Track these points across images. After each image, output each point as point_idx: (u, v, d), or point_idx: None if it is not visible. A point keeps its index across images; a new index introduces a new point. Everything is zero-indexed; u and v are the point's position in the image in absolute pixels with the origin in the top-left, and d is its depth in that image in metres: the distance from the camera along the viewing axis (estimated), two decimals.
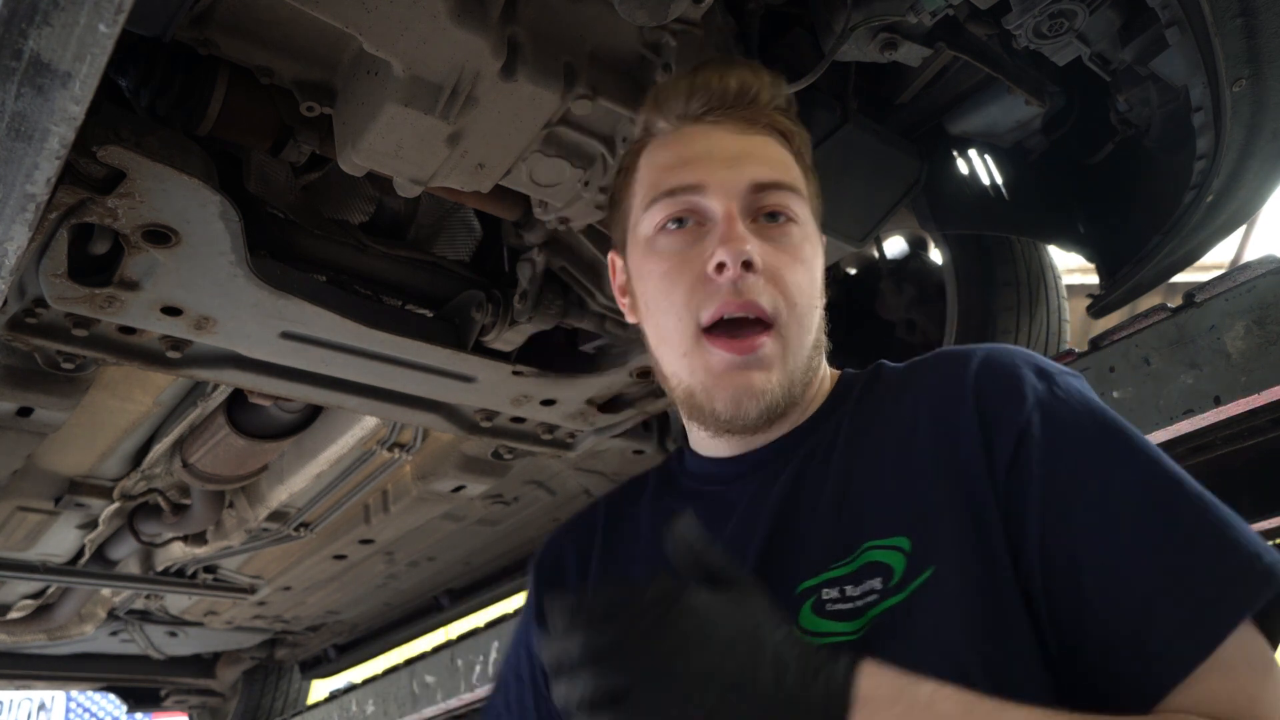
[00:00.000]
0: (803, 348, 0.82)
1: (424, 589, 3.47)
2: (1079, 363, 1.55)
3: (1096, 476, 0.68)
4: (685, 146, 0.85)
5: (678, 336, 0.81)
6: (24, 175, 0.95)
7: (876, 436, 0.79)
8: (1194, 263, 1.70)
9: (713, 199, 0.81)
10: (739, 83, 0.85)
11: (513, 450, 2.21)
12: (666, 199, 0.83)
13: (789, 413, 0.84)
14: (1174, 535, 0.64)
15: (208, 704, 4.58)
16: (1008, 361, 0.77)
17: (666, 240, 0.83)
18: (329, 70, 1.25)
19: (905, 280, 2.24)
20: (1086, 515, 0.67)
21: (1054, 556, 0.67)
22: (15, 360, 1.72)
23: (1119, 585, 0.64)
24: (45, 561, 2.81)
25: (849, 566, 0.72)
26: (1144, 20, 1.27)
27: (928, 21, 1.21)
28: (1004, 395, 0.73)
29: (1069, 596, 0.66)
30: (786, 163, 0.86)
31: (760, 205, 0.82)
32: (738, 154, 0.83)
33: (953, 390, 0.76)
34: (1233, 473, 1.49)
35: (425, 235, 1.80)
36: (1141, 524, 0.65)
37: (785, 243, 0.82)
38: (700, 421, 0.84)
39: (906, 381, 0.83)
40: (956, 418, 0.74)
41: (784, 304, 0.79)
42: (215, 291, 1.44)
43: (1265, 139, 1.32)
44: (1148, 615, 0.63)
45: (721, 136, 0.85)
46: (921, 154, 1.61)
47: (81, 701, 10.64)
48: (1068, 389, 0.74)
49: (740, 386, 0.78)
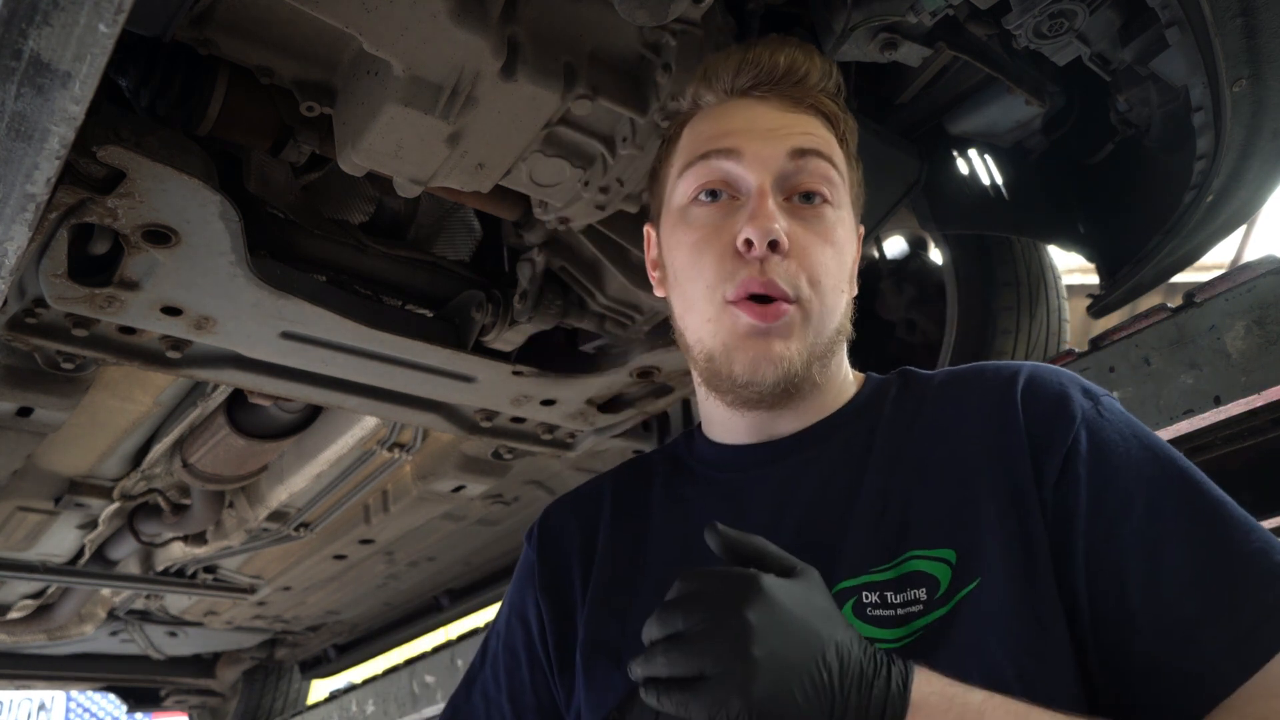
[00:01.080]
0: (825, 328, 0.81)
1: (424, 589, 3.47)
2: (1079, 363, 1.55)
3: (1143, 496, 0.69)
4: (728, 118, 0.85)
5: (704, 303, 0.81)
6: (24, 175, 0.95)
7: (918, 445, 0.79)
8: (1194, 263, 1.70)
9: (748, 169, 0.81)
10: (788, 60, 0.85)
11: (513, 450, 2.21)
12: (701, 163, 0.83)
13: (808, 396, 0.83)
14: (1220, 558, 0.65)
15: (208, 704, 4.58)
16: (1054, 380, 0.77)
17: (699, 211, 0.83)
18: (329, 70, 1.25)
19: (905, 280, 2.24)
20: (1133, 534, 0.68)
21: (1100, 573, 0.68)
22: (15, 360, 1.72)
23: (1165, 605, 0.65)
24: (45, 561, 2.81)
25: (890, 573, 0.72)
26: (1144, 20, 1.27)
27: (928, 21, 1.21)
28: (1052, 414, 0.74)
29: (1114, 613, 0.67)
30: (828, 140, 0.85)
31: (797, 181, 0.81)
32: (779, 126, 0.83)
33: (1000, 406, 0.76)
34: (1233, 473, 1.49)
35: (425, 235, 1.80)
36: (1188, 545, 0.66)
37: (817, 224, 0.81)
38: (717, 388, 0.83)
39: (948, 393, 0.83)
40: (1005, 434, 0.75)
41: (807, 283, 0.79)
42: (215, 291, 1.44)
43: (1265, 139, 1.32)
44: (1192, 635, 0.63)
45: (765, 110, 0.84)
46: (921, 154, 1.61)
47: (81, 701, 10.65)
48: (1112, 410, 0.75)
49: (760, 351, 0.78)
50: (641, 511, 0.91)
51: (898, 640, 0.70)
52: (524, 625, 0.94)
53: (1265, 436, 1.45)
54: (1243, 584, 0.64)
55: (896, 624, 0.70)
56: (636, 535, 0.90)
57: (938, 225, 1.78)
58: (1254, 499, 1.44)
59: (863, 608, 0.72)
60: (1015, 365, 0.81)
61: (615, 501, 0.95)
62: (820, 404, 0.86)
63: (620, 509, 0.93)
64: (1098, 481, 0.70)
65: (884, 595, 0.71)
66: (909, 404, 0.84)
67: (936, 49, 1.32)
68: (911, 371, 0.89)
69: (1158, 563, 0.66)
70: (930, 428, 0.80)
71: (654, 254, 0.94)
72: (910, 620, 0.70)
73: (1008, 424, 0.75)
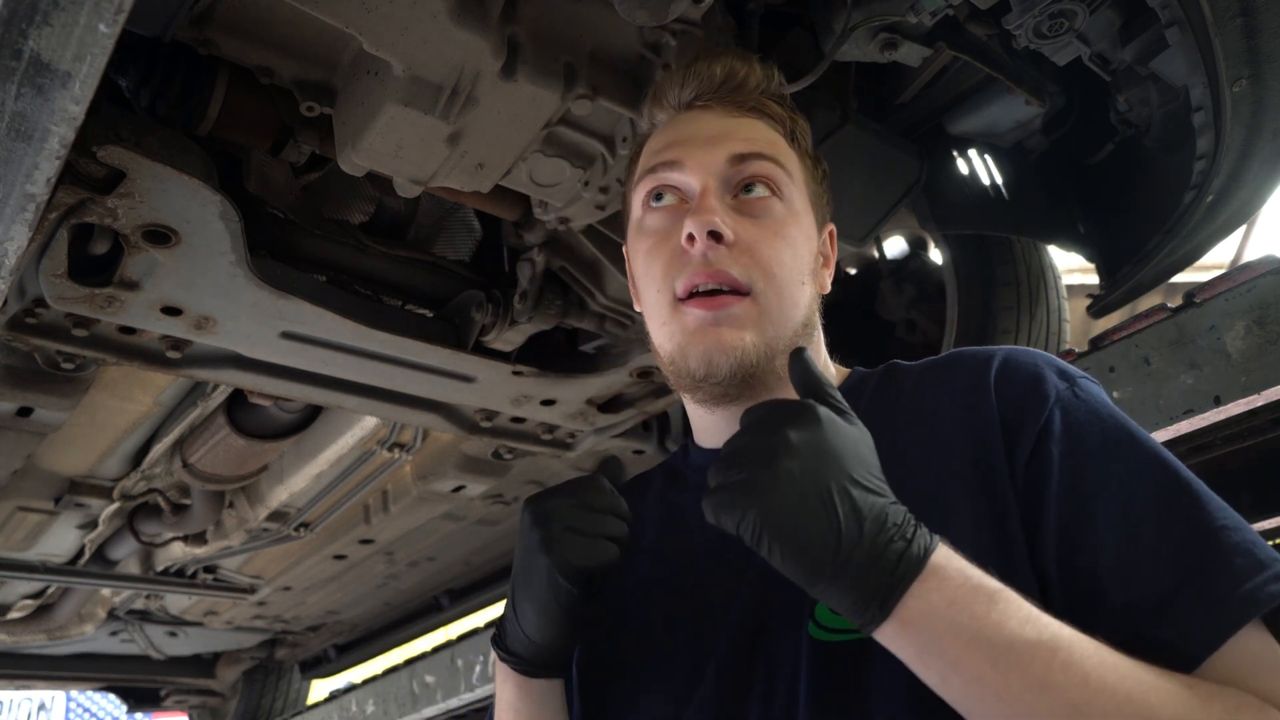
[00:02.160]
0: (785, 320, 0.81)
1: (424, 589, 3.47)
2: (1079, 363, 1.55)
3: (1116, 474, 0.69)
4: (673, 131, 0.88)
5: (658, 308, 0.83)
6: (24, 175, 0.95)
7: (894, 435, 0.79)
8: (1194, 263, 1.70)
9: (690, 175, 0.83)
10: (725, 69, 0.88)
11: (513, 450, 2.21)
12: (649, 177, 0.86)
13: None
14: (1193, 534, 0.66)
15: (208, 704, 4.58)
16: (1029, 362, 0.78)
17: (651, 218, 0.86)
18: (329, 70, 1.25)
19: (905, 280, 2.24)
20: (1107, 511, 0.68)
21: (1072, 549, 0.68)
22: (15, 360, 1.72)
23: (1137, 578, 0.65)
24: (45, 561, 2.81)
25: None
26: (1144, 20, 1.27)
27: (928, 21, 1.21)
28: (1026, 394, 0.75)
29: (1086, 588, 0.67)
30: (771, 140, 0.86)
31: (740, 178, 0.83)
32: (718, 133, 0.85)
33: (974, 390, 0.77)
34: (1233, 473, 1.49)
35: (425, 235, 1.80)
36: (1161, 523, 0.67)
37: (765, 219, 0.82)
38: (683, 388, 0.85)
39: (925, 381, 0.83)
40: (977, 415, 0.75)
41: (759, 275, 0.80)
42: (215, 291, 1.44)
43: (1265, 139, 1.32)
44: (1165, 607, 0.64)
45: (707, 118, 0.87)
46: (921, 154, 1.61)
47: (81, 701, 10.65)
48: (1088, 391, 0.76)
49: (711, 342, 0.79)
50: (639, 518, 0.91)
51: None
52: None
53: (1265, 436, 1.45)
54: (1215, 557, 0.64)
55: None
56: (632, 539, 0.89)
57: (938, 225, 1.78)
58: (1254, 499, 1.45)
59: None
60: (992, 349, 0.81)
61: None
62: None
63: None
64: (1071, 460, 0.70)
65: None
66: (889, 394, 0.85)
67: (936, 49, 1.32)
68: (896, 364, 0.89)
69: (1131, 539, 0.66)
70: (909, 414, 0.81)
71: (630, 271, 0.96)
72: None
73: (981, 406, 0.76)
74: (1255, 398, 1.32)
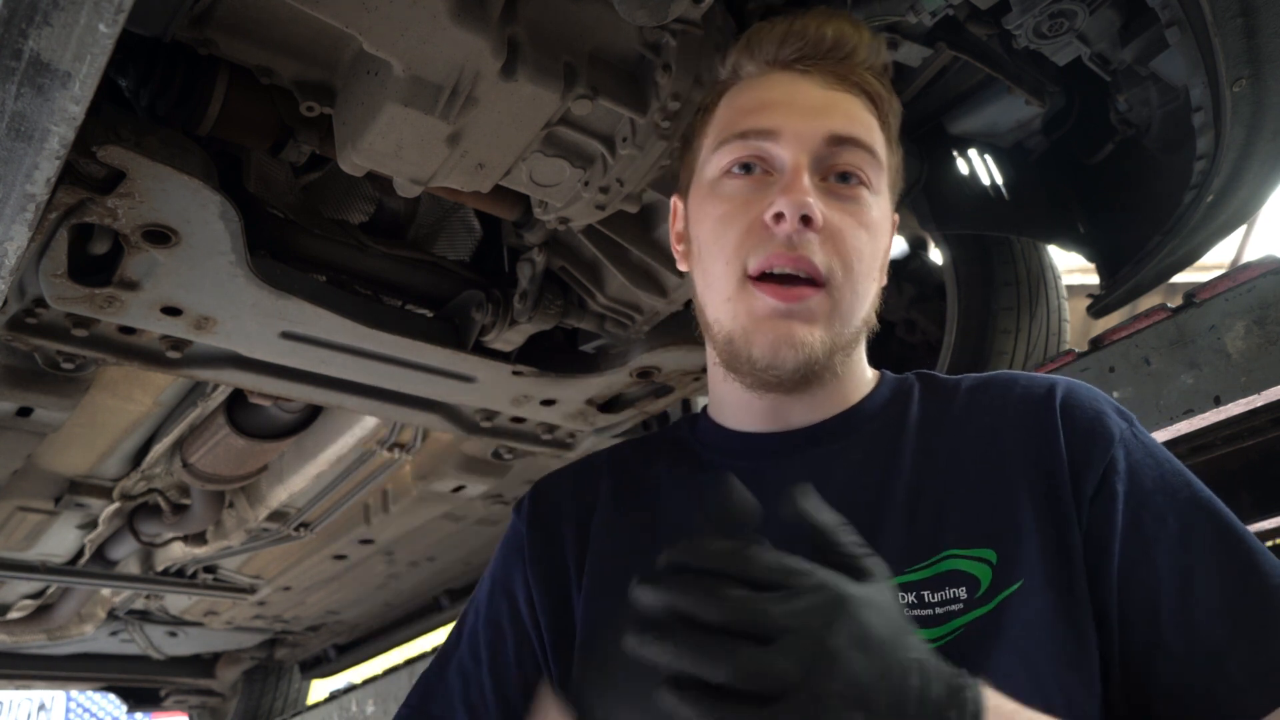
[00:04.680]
0: (854, 315, 0.79)
1: (424, 589, 3.47)
2: (1079, 363, 1.55)
3: (1175, 519, 0.69)
4: (767, 91, 0.82)
5: (724, 281, 0.78)
6: (24, 175, 0.95)
7: (951, 445, 0.78)
8: (1194, 263, 1.70)
9: (785, 148, 0.78)
10: (836, 33, 0.82)
11: (513, 450, 2.21)
12: (738, 141, 0.80)
13: (827, 386, 0.81)
14: (1250, 590, 0.66)
15: (208, 704, 4.58)
16: (1091, 398, 0.77)
17: (731, 184, 0.80)
18: (329, 70, 1.25)
19: (905, 280, 2.24)
20: (1166, 556, 0.68)
21: (1131, 592, 0.68)
22: (15, 360, 1.72)
23: (1194, 630, 0.65)
24: (45, 561, 2.81)
25: (927, 571, 0.71)
26: (1144, 20, 1.27)
27: (928, 21, 1.21)
28: (1091, 431, 0.74)
29: (1143, 633, 0.67)
30: (868, 124, 0.81)
31: (833, 164, 0.78)
32: (820, 105, 0.79)
33: (1039, 418, 0.76)
34: (1233, 473, 1.49)
35: (425, 235, 1.80)
36: (1219, 574, 0.67)
37: (853, 206, 0.78)
38: (736, 370, 0.80)
39: (980, 399, 0.81)
40: (1044, 445, 0.74)
41: (839, 266, 0.76)
42: (215, 291, 1.44)
43: (1265, 139, 1.32)
44: (1220, 663, 0.64)
45: (807, 86, 0.81)
46: (921, 154, 1.61)
47: (81, 701, 10.65)
48: (1143, 433, 0.76)
49: (781, 334, 0.75)
50: (646, 495, 0.87)
51: (935, 640, 0.68)
52: (510, 599, 0.88)
53: (1265, 436, 1.45)
54: (1271, 616, 0.65)
55: (935, 623, 0.69)
56: (642, 521, 0.85)
57: (938, 225, 1.78)
58: (1254, 499, 1.45)
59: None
60: (1050, 379, 0.80)
61: (615, 483, 0.90)
62: (839, 395, 0.83)
63: (621, 490, 0.89)
64: (1133, 501, 0.70)
65: (921, 595, 0.70)
66: (935, 406, 0.82)
67: (936, 49, 1.32)
68: (931, 374, 0.87)
69: (1189, 588, 0.66)
70: (963, 430, 0.79)
71: (679, 227, 0.91)
72: (950, 619, 0.69)
73: (1047, 436, 0.75)
74: (1255, 398, 1.32)
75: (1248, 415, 1.40)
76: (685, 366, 1.85)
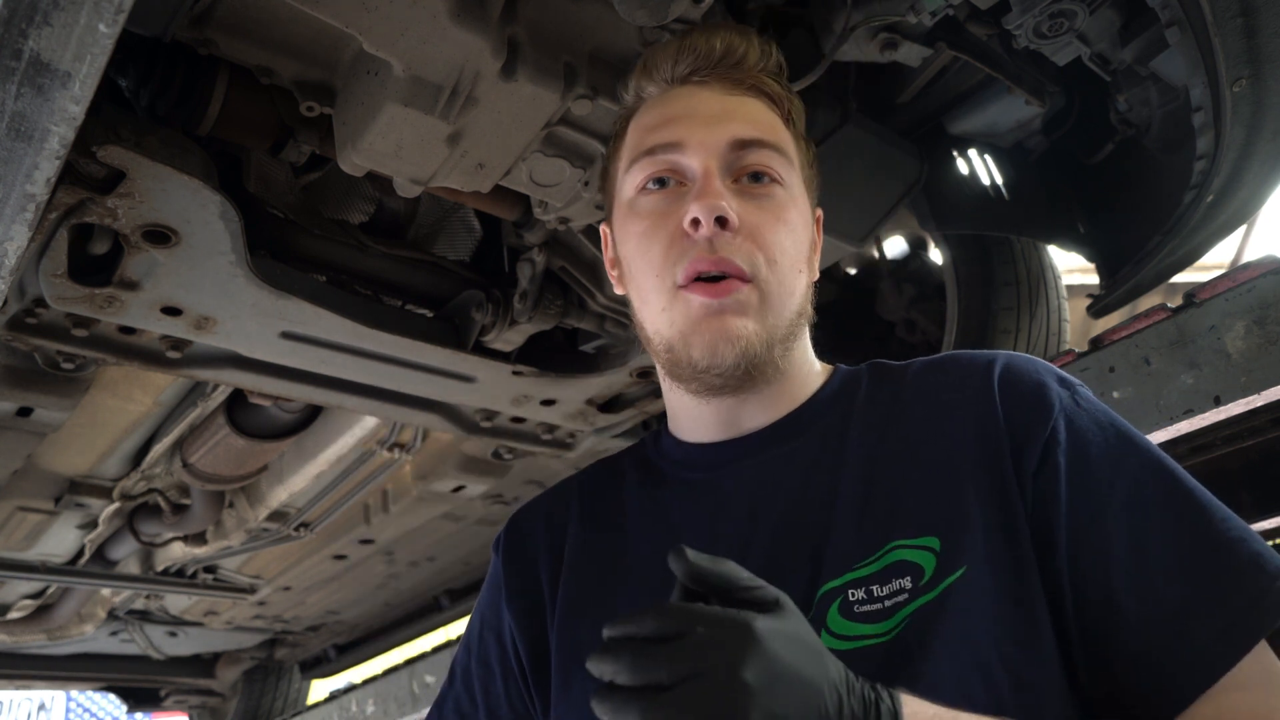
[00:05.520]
0: (784, 308, 0.80)
1: (424, 589, 3.47)
2: (1079, 363, 1.55)
3: (1122, 484, 0.69)
4: (669, 106, 0.85)
5: (656, 294, 0.80)
6: (24, 175, 0.95)
7: (896, 434, 0.78)
8: (1194, 263, 1.70)
9: (692, 157, 0.80)
10: (724, 43, 0.85)
11: (513, 450, 2.21)
12: (646, 158, 0.83)
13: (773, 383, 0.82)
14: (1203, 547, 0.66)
15: (208, 704, 4.58)
16: (1030, 369, 0.77)
17: (646, 200, 0.83)
18: (329, 70, 1.25)
19: (905, 280, 2.24)
20: (1115, 522, 0.68)
21: (1083, 561, 0.68)
22: (15, 360, 1.72)
23: (1151, 593, 0.65)
24: (45, 561, 2.81)
25: (874, 566, 0.71)
26: (1144, 20, 1.27)
27: (928, 21, 1.21)
28: (1030, 402, 0.74)
29: (1098, 601, 0.67)
30: (771, 123, 0.84)
31: (742, 165, 0.81)
32: (719, 113, 0.82)
33: (978, 394, 0.76)
34: (1233, 473, 1.49)
35: (425, 235, 1.80)
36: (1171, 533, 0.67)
37: (767, 203, 0.80)
38: (679, 377, 0.82)
39: (923, 382, 0.82)
40: (983, 422, 0.75)
41: (763, 261, 0.77)
42: (215, 291, 1.44)
43: (1265, 139, 1.32)
44: (1180, 623, 0.64)
45: (705, 96, 0.84)
46: (921, 154, 1.61)
47: (81, 701, 10.65)
48: (1088, 399, 0.75)
49: (717, 331, 0.76)
50: (614, 516, 0.89)
51: (886, 633, 0.69)
52: (496, 638, 0.91)
53: (1265, 436, 1.45)
54: (1226, 572, 0.64)
55: (884, 617, 0.69)
56: (611, 542, 0.87)
57: (938, 225, 1.78)
58: (1254, 499, 1.45)
59: (849, 606, 0.71)
60: (991, 354, 0.80)
61: (583, 505, 0.92)
62: (788, 394, 0.84)
63: (590, 512, 0.91)
64: (1077, 470, 0.70)
65: (870, 590, 0.70)
66: (884, 394, 0.83)
67: (936, 49, 1.32)
68: (882, 363, 0.88)
69: (1142, 551, 0.66)
70: (907, 417, 0.79)
71: (610, 252, 0.93)
72: (897, 611, 0.69)
73: (986, 412, 0.75)
74: (1255, 398, 1.32)
75: (1248, 415, 1.41)
76: None
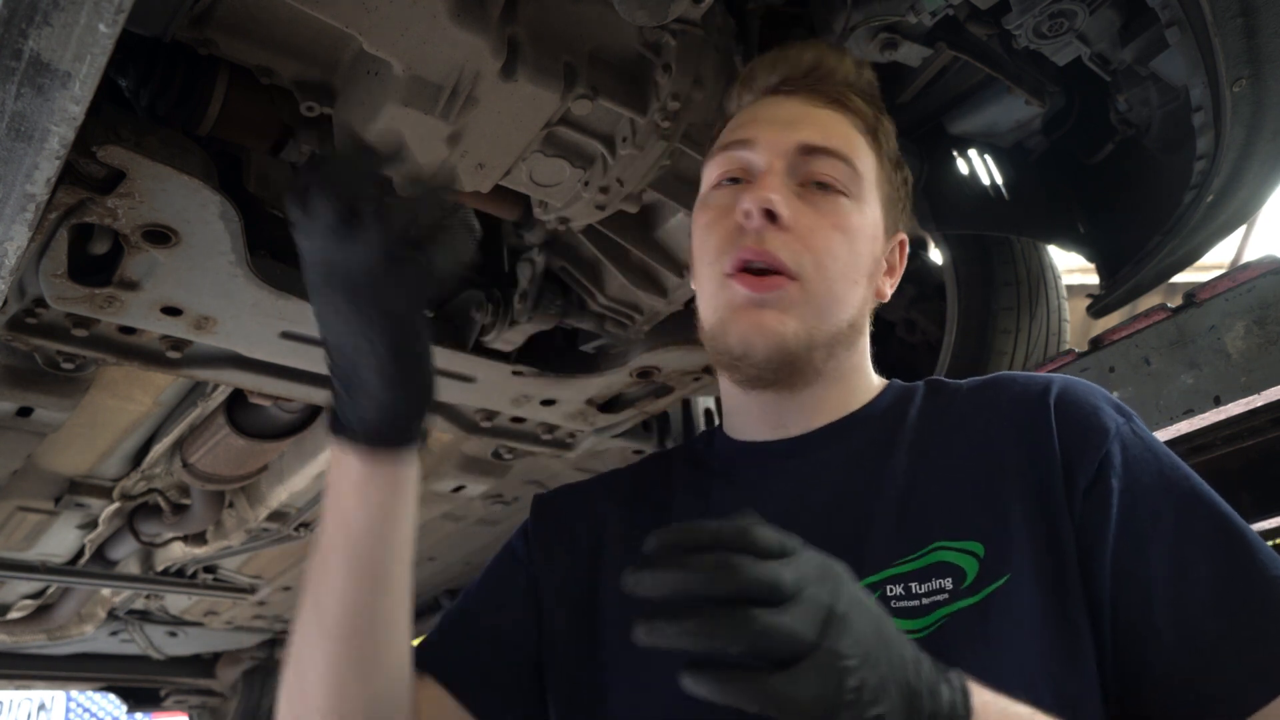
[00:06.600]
0: (830, 314, 0.80)
1: (424, 589, 3.47)
2: (1079, 363, 1.55)
3: (1172, 514, 0.70)
4: (753, 112, 0.88)
5: (709, 282, 0.82)
6: (24, 175, 0.95)
7: (945, 441, 0.79)
8: (1194, 263, 1.70)
9: (759, 154, 0.83)
10: (815, 57, 0.88)
11: (513, 450, 2.21)
12: (721, 154, 0.86)
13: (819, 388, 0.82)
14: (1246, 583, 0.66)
15: (208, 704, 4.58)
16: (1087, 393, 0.78)
17: (716, 194, 0.86)
18: (329, 70, 1.25)
19: (905, 280, 2.23)
20: (1162, 550, 0.68)
21: (1126, 585, 0.68)
22: (15, 360, 1.72)
23: (1190, 623, 0.66)
24: (45, 561, 2.81)
25: (916, 563, 0.72)
26: (1144, 20, 1.27)
27: (928, 21, 1.21)
28: (1086, 425, 0.75)
29: (1138, 626, 0.67)
30: (846, 135, 0.85)
31: (808, 170, 0.82)
32: (794, 118, 0.85)
33: (1033, 413, 0.77)
34: (1233, 473, 1.49)
35: None
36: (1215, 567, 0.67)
37: (828, 208, 0.81)
38: (720, 364, 0.83)
39: (978, 397, 0.82)
40: (1037, 440, 0.75)
41: (810, 262, 0.78)
42: (215, 291, 1.44)
43: (1265, 139, 1.32)
44: (1216, 656, 0.64)
45: (787, 104, 0.87)
46: (921, 154, 1.61)
47: (81, 701, 10.64)
48: (1142, 429, 0.76)
49: (753, 322, 0.78)
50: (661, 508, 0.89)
51: (922, 629, 0.69)
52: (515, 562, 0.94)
53: (1265, 436, 1.45)
54: (1268, 610, 0.65)
55: (920, 614, 0.69)
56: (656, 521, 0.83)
57: (938, 225, 1.78)
58: (1254, 499, 1.45)
59: (886, 601, 0.71)
60: (1048, 376, 0.81)
61: (633, 495, 0.92)
62: (838, 400, 0.85)
63: (638, 503, 0.91)
64: (1128, 495, 0.71)
65: (908, 586, 0.71)
66: (936, 406, 0.84)
67: (936, 49, 1.32)
68: (939, 380, 0.88)
69: (1185, 581, 0.67)
70: (959, 426, 0.80)
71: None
72: (935, 609, 0.69)
73: (1040, 431, 0.75)
74: (1255, 398, 1.32)
75: (1248, 415, 1.41)
76: (685, 366, 1.85)
